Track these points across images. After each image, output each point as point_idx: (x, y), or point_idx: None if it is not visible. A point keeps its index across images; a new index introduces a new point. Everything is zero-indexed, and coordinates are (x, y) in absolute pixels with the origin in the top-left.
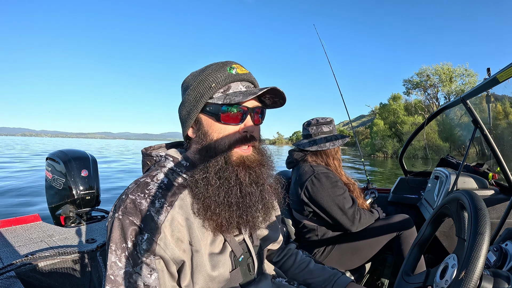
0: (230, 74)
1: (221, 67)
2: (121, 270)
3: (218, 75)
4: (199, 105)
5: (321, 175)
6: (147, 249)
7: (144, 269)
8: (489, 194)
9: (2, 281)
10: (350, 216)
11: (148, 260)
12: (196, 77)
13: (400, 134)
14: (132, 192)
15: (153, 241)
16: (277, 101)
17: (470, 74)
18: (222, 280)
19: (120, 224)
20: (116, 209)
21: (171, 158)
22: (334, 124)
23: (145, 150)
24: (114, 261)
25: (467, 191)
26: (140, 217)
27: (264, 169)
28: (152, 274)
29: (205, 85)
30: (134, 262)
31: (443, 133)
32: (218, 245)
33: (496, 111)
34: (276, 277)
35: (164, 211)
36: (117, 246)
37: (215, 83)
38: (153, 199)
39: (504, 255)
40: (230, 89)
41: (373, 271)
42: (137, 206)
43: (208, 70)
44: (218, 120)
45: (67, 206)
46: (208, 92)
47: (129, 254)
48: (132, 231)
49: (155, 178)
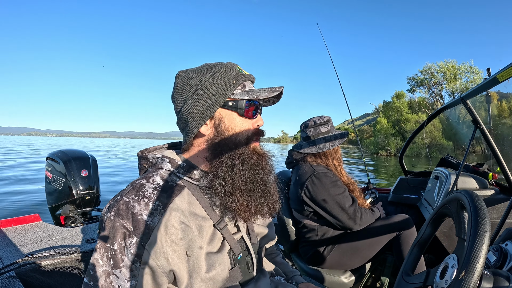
0: (242, 73)
1: (232, 66)
2: (101, 268)
3: (234, 73)
4: (221, 100)
5: (321, 175)
6: (134, 253)
7: (123, 273)
8: (489, 194)
9: (2, 281)
10: (351, 214)
11: (133, 266)
12: (206, 74)
13: (404, 132)
14: (126, 194)
15: (141, 245)
16: (269, 100)
17: (475, 71)
18: (220, 279)
19: (110, 225)
20: (109, 209)
21: (167, 159)
22: (332, 122)
23: (140, 153)
24: (96, 258)
25: (467, 191)
26: (131, 220)
27: (271, 161)
28: (130, 281)
29: (226, 81)
30: (115, 264)
31: (447, 131)
32: (217, 244)
33: (501, 109)
34: (274, 275)
35: (158, 213)
36: (102, 245)
37: (235, 80)
38: (147, 201)
39: (504, 255)
40: (245, 86)
41: (373, 271)
42: (130, 208)
43: (222, 68)
44: (242, 114)
45: (67, 206)
46: (231, 88)
47: (111, 256)
48: (121, 234)
49: (151, 180)
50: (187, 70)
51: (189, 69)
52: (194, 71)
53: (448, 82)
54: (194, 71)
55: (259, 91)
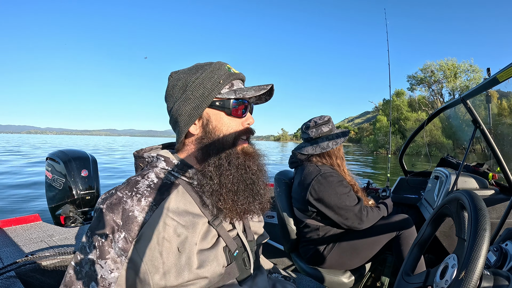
0: (231, 72)
1: (221, 66)
2: (87, 256)
3: (222, 73)
4: (208, 100)
5: (327, 175)
6: (121, 248)
7: (108, 264)
8: (489, 194)
9: (2, 281)
10: (357, 213)
11: (118, 259)
12: (194, 75)
13: (404, 131)
14: (121, 190)
15: (129, 241)
16: (262, 98)
17: (475, 70)
18: (214, 276)
19: (101, 217)
20: (102, 201)
21: (162, 158)
22: (332, 121)
23: (136, 152)
24: (84, 245)
25: (467, 191)
26: (121, 215)
27: (261, 161)
28: (113, 272)
29: (213, 81)
30: (101, 254)
31: (446, 130)
32: (211, 240)
33: (501, 108)
34: (272, 273)
35: (150, 210)
36: (92, 233)
37: (222, 79)
38: (140, 197)
39: (504, 255)
40: (233, 85)
41: (373, 271)
42: (122, 204)
43: (210, 68)
44: (229, 114)
45: (67, 206)
46: (217, 87)
47: (98, 246)
48: (110, 228)
49: (146, 177)
50: (179, 71)
51: (180, 70)
52: (184, 71)
53: (448, 80)
54: (184, 71)
55: (247, 90)
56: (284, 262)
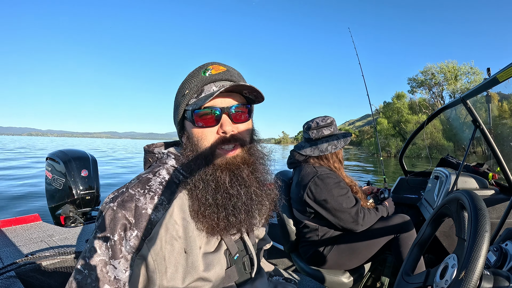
0: (203, 77)
1: (196, 72)
2: (98, 257)
3: (192, 80)
4: (179, 113)
5: (324, 176)
6: (133, 246)
7: (121, 264)
8: (489, 194)
9: (2, 281)
10: (353, 215)
11: (129, 256)
12: (181, 84)
13: (404, 133)
14: (132, 187)
15: (141, 239)
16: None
17: (475, 72)
18: (217, 279)
19: (112, 215)
20: (113, 200)
21: (172, 155)
22: (335, 124)
23: (147, 147)
24: (94, 246)
25: (467, 191)
26: (135, 213)
27: (252, 170)
28: (127, 271)
29: (181, 93)
30: (114, 255)
31: (447, 132)
32: (214, 243)
33: (501, 109)
34: (273, 276)
35: (162, 208)
36: (102, 234)
37: (189, 89)
38: (153, 195)
39: (504, 255)
40: (202, 92)
41: (373, 271)
42: (134, 201)
43: (187, 77)
44: (194, 124)
45: (67, 206)
46: (184, 99)
47: (110, 246)
48: (122, 225)
49: (157, 174)
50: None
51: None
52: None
53: (449, 83)
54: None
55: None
56: (284, 263)
